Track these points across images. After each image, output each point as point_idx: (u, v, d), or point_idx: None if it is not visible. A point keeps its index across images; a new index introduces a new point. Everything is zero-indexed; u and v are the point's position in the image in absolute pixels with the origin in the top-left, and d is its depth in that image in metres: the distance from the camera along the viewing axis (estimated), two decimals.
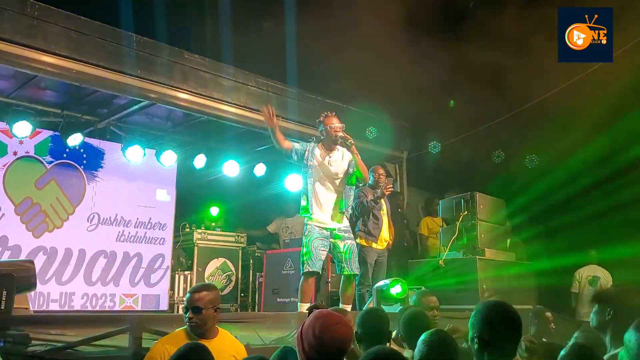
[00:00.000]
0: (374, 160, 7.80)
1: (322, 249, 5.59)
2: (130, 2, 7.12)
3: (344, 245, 5.67)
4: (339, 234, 5.68)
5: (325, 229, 5.65)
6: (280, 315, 6.06)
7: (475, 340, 2.50)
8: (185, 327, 3.64)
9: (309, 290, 5.65)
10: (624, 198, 7.35)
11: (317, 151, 5.78)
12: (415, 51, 8.13)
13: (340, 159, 5.82)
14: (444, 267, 6.75)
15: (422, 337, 2.85)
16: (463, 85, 8.46)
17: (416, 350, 2.86)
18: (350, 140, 5.66)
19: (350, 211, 5.97)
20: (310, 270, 5.52)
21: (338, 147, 5.85)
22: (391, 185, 6.76)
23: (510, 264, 7.34)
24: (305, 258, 5.55)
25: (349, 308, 5.71)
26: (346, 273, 5.71)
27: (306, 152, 5.77)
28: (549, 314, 5.24)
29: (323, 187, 5.74)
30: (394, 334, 3.72)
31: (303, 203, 5.78)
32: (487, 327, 2.48)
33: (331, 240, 5.65)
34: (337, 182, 5.79)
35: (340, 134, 5.70)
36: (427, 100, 8.48)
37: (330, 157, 5.78)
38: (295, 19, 8.75)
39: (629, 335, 2.38)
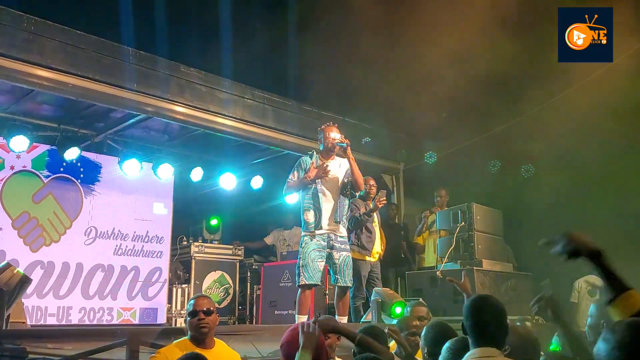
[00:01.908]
0: (370, 172, 7.82)
1: (320, 260, 5.58)
2: (126, 16, 7.16)
3: (339, 257, 5.67)
4: (335, 244, 5.68)
5: (323, 239, 5.64)
6: (278, 327, 6.05)
7: (467, 330, 2.75)
8: (186, 337, 3.65)
9: (307, 303, 5.64)
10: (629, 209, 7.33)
11: (318, 161, 5.80)
12: (411, 62, 8.16)
13: (337, 167, 5.85)
14: (441, 278, 6.74)
15: (447, 344, 3.02)
16: (461, 95, 8.47)
17: (440, 357, 3.00)
18: (346, 142, 5.67)
19: (346, 222, 5.97)
20: (307, 282, 5.50)
21: (335, 156, 5.88)
22: (384, 198, 6.74)
23: (507, 275, 7.33)
24: (301, 270, 5.54)
25: (344, 319, 5.70)
26: (340, 284, 5.72)
27: (310, 166, 5.77)
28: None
29: (323, 196, 5.75)
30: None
31: (309, 219, 5.68)
32: (472, 316, 2.73)
33: (327, 250, 5.65)
34: (334, 190, 5.80)
35: (337, 140, 5.72)
36: (424, 111, 8.49)
37: (327, 165, 5.80)
38: (292, 32, 8.80)
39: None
